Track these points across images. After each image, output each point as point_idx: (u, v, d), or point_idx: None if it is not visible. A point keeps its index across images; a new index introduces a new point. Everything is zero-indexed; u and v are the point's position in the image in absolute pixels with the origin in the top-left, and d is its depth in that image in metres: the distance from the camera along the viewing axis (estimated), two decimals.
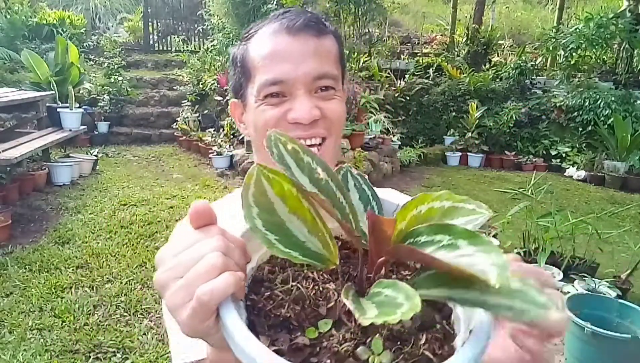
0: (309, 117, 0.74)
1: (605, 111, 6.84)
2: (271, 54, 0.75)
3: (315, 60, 0.75)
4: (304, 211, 0.38)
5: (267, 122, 0.75)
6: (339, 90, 0.80)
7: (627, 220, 4.85)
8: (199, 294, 0.37)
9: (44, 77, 6.48)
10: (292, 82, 0.74)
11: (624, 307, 2.50)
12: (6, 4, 9.13)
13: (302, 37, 0.75)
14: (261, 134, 0.76)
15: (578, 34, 7.02)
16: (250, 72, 0.78)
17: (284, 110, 0.75)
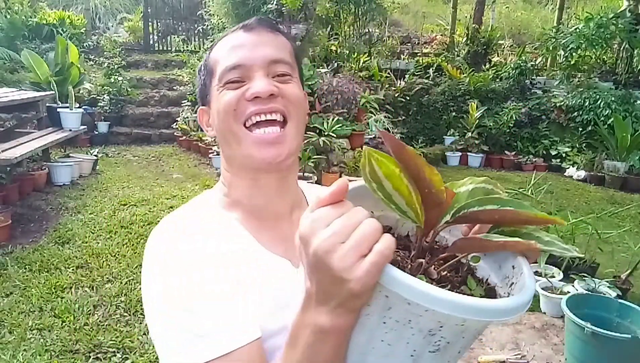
0: (267, 90, 0.76)
1: (605, 111, 6.84)
2: (230, 46, 0.81)
3: (271, 47, 0.81)
4: (403, 188, 0.48)
5: (229, 103, 0.78)
6: (295, 79, 0.83)
7: (627, 220, 4.85)
8: (381, 249, 0.44)
9: (44, 77, 6.48)
10: (249, 66, 0.78)
11: (624, 307, 2.50)
12: (6, 4, 9.13)
13: (256, 30, 0.81)
14: (224, 118, 0.79)
15: (578, 34, 7.02)
16: (212, 68, 0.83)
17: (244, 90, 0.78)
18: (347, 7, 7.60)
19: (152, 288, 0.68)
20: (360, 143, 5.95)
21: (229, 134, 0.79)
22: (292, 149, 0.81)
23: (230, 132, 0.79)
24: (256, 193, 0.82)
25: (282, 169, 0.81)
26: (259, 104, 0.76)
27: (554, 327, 2.89)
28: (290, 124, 0.80)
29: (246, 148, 0.77)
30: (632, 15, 7.12)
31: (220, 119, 0.80)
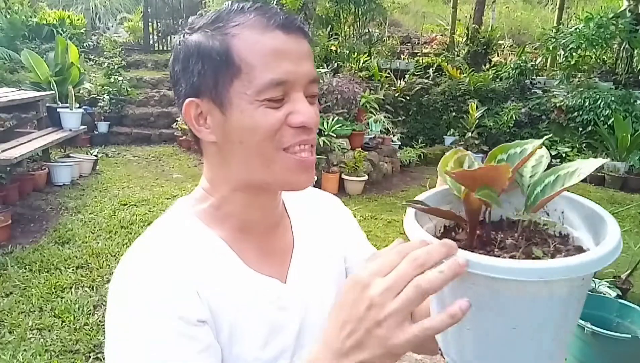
0: (316, 122, 0.72)
1: (605, 111, 6.85)
2: (272, 51, 0.69)
3: (309, 62, 0.73)
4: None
5: (272, 128, 0.69)
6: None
7: (627, 220, 4.85)
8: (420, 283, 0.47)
9: (44, 77, 6.48)
10: (293, 83, 0.69)
11: (624, 307, 2.50)
12: (6, 4, 9.13)
13: (295, 36, 0.71)
14: (259, 141, 0.70)
15: (578, 34, 7.02)
16: (239, 68, 0.69)
17: (286, 113, 0.69)
18: (347, 7, 7.60)
19: (113, 331, 0.64)
20: (360, 143, 5.95)
21: (257, 155, 0.71)
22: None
23: (261, 154, 0.70)
24: (254, 208, 0.77)
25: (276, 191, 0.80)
26: (303, 135, 0.70)
27: None
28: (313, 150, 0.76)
29: (282, 170, 0.71)
30: (632, 15, 7.13)
31: (252, 138, 0.70)
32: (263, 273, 0.74)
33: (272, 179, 0.72)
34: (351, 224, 0.96)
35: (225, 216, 0.77)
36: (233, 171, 0.74)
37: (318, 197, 0.96)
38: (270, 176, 0.72)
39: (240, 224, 0.77)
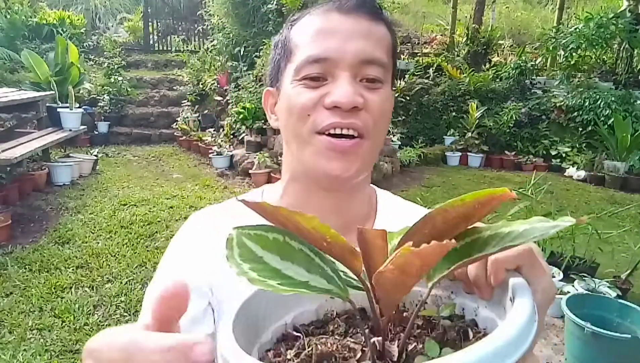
0: (350, 101, 0.64)
1: (605, 111, 6.84)
2: (317, 30, 0.67)
3: (367, 41, 0.67)
4: (297, 254, 0.37)
5: (304, 107, 0.66)
6: (387, 85, 0.70)
7: (627, 220, 4.85)
8: None
9: (44, 77, 6.48)
10: (336, 61, 0.65)
11: (624, 307, 2.50)
12: (6, 4, 9.13)
13: (354, 16, 0.67)
14: (294, 121, 0.68)
15: (578, 34, 7.02)
16: (291, 51, 0.69)
17: (322, 93, 0.66)
18: None
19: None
20: None
21: (294, 137, 0.69)
22: (365, 165, 0.70)
23: (297, 136, 0.68)
24: (311, 205, 0.71)
25: (344, 188, 0.70)
26: (337, 117, 0.65)
27: (554, 327, 2.89)
28: (365, 144, 0.67)
29: (312, 154, 0.67)
30: (632, 15, 7.12)
31: (289, 119, 0.69)
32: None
33: (305, 164, 0.69)
34: None
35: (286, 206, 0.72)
36: (286, 158, 0.75)
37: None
38: (303, 161, 0.69)
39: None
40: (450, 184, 6.16)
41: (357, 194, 0.74)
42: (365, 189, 0.77)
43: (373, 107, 0.67)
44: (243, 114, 6.26)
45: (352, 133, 0.66)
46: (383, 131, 0.71)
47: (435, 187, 5.97)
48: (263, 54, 6.96)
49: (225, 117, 7.25)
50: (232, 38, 7.77)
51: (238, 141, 6.59)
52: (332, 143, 0.65)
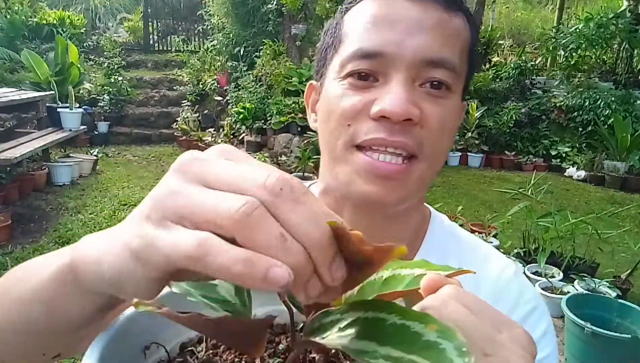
0: (402, 112, 0.51)
1: (605, 111, 6.84)
2: (374, 17, 0.54)
3: (436, 37, 0.53)
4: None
5: (344, 113, 0.54)
6: (454, 95, 0.56)
7: (627, 220, 4.85)
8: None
9: (44, 77, 6.48)
10: (391, 59, 0.52)
11: (624, 307, 2.50)
12: (6, 4, 9.13)
13: (424, 4, 0.53)
14: (332, 128, 0.56)
15: (578, 34, 7.02)
16: (340, 40, 0.57)
17: (370, 98, 0.53)
18: None
19: None
20: None
21: (328, 149, 0.58)
22: (411, 193, 0.57)
23: (332, 148, 0.57)
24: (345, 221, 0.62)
25: (384, 213, 0.59)
26: (384, 131, 0.52)
27: (554, 327, 2.89)
28: (417, 166, 0.54)
29: (349, 172, 0.55)
30: (632, 15, 7.13)
31: (326, 125, 0.57)
32: None
33: (338, 180, 0.56)
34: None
35: None
36: (322, 166, 0.62)
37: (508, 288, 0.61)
38: (336, 176, 0.57)
39: None
40: (450, 184, 6.16)
41: (401, 218, 0.61)
42: (413, 213, 0.63)
43: (432, 121, 0.53)
44: (243, 114, 6.26)
45: (399, 152, 0.53)
46: (444, 151, 0.58)
47: (435, 187, 5.97)
48: (263, 54, 6.97)
49: (225, 117, 7.26)
50: (232, 38, 7.77)
51: (238, 141, 6.59)
52: (373, 166, 0.52)
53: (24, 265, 0.40)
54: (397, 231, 0.62)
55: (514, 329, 0.31)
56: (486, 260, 0.63)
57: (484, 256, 0.64)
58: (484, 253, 0.64)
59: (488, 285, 0.60)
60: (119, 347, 0.33)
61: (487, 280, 0.60)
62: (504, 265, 0.63)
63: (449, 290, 0.32)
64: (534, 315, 0.60)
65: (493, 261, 0.64)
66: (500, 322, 0.32)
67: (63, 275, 0.33)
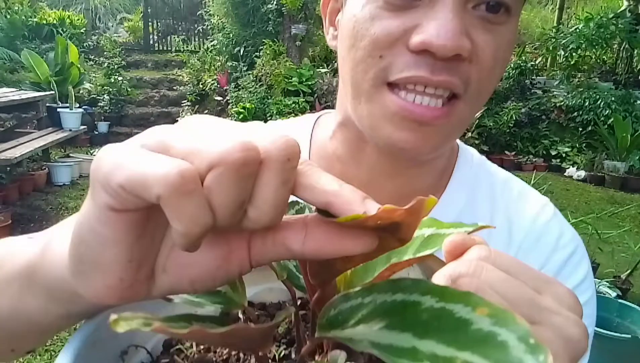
0: (451, 47, 0.41)
1: (605, 111, 6.84)
2: None
3: None
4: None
5: (377, 42, 0.43)
6: (514, 19, 0.46)
7: (627, 220, 4.85)
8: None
9: (44, 77, 6.48)
10: None
11: (624, 307, 2.50)
12: (6, 4, 9.13)
13: None
14: (360, 58, 0.45)
15: (578, 34, 7.02)
16: None
17: (410, 24, 0.42)
18: None
19: None
20: None
21: (352, 83, 0.48)
22: (448, 140, 0.50)
23: (357, 83, 0.47)
24: (356, 163, 0.53)
25: (411, 160, 0.51)
26: (425, 68, 0.42)
27: None
28: (462, 106, 0.46)
29: (375, 114, 0.46)
30: (632, 15, 7.13)
31: (351, 52, 0.46)
32: None
33: (362, 122, 0.48)
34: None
35: (333, 152, 0.56)
36: (340, 95, 0.54)
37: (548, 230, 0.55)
38: (360, 117, 0.48)
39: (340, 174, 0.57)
40: None
41: (428, 161, 0.53)
42: (442, 153, 0.55)
43: (484, 56, 0.44)
44: (243, 114, 6.26)
45: (440, 93, 0.44)
46: (491, 89, 0.50)
47: None
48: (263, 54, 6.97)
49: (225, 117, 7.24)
50: (232, 38, 7.77)
51: None
52: (408, 111, 0.43)
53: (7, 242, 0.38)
54: (422, 173, 0.54)
55: (557, 289, 0.27)
56: (521, 197, 0.57)
57: (519, 193, 0.58)
58: (518, 190, 0.59)
59: (524, 226, 0.54)
60: (91, 356, 0.29)
61: (523, 220, 0.55)
62: (543, 203, 0.57)
63: (478, 251, 0.27)
64: (574, 258, 0.54)
65: (529, 199, 0.57)
66: (540, 282, 0.27)
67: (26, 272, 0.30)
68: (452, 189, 0.56)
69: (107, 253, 0.22)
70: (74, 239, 0.24)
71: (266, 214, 0.22)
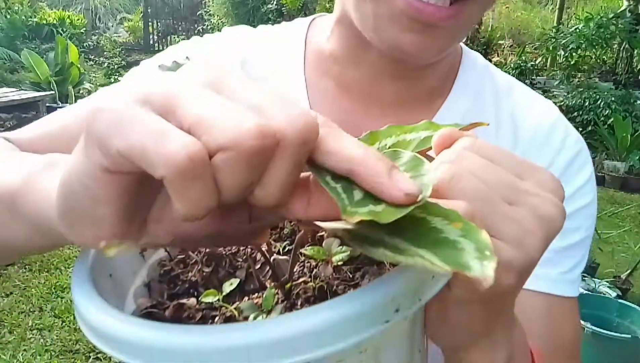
0: None
1: (605, 111, 6.85)
2: None
3: None
4: None
5: None
6: None
7: (627, 220, 4.85)
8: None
9: (44, 77, 6.48)
10: None
11: (624, 307, 2.50)
12: (6, 4, 9.13)
13: None
14: None
15: (578, 34, 7.02)
16: None
17: None
18: None
19: None
20: None
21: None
22: (455, 40, 0.48)
23: None
24: (356, 64, 0.51)
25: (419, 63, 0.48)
26: None
27: None
28: (471, 3, 0.43)
29: (381, 15, 0.43)
30: (632, 15, 7.13)
31: None
32: None
33: (363, 23, 0.45)
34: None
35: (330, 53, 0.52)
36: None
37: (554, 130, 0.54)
38: (361, 17, 0.45)
39: (338, 76, 0.52)
40: None
41: (432, 65, 0.51)
42: (447, 56, 0.51)
43: None
44: None
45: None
46: None
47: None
48: None
49: None
50: None
51: None
52: (415, 10, 0.41)
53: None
54: (426, 76, 0.52)
55: (540, 174, 0.28)
56: (526, 100, 0.56)
57: (524, 96, 0.57)
58: (523, 93, 0.57)
59: (530, 128, 0.54)
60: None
61: (528, 122, 0.54)
62: (548, 105, 0.56)
63: (464, 142, 0.28)
64: (578, 159, 0.56)
65: (534, 101, 0.56)
66: (524, 168, 0.28)
67: (7, 200, 0.29)
68: (456, 92, 0.54)
69: (99, 211, 0.21)
70: (64, 188, 0.22)
71: (273, 195, 0.21)
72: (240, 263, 0.33)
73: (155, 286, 0.33)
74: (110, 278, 0.30)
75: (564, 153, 0.54)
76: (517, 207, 0.26)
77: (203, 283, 0.32)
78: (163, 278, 0.33)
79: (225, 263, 0.33)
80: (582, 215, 0.52)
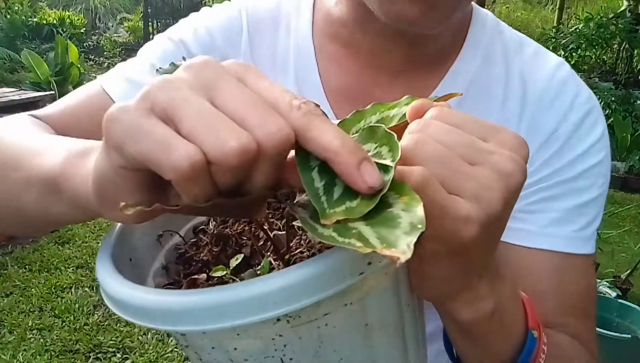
0: None
1: (605, 111, 6.84)
2: None
3: None
4: None
5: None
6: None
7: (627, 220, 4.85)
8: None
9: (44, 77, 6.48)
10: None
11: (624, 307, 2.50)
12: (6, 4, 9.13)
13: None
14: None
15: (578, 34, 7.02)
16: None
17: None
18: None
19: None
20: None
21: None
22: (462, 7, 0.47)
23: None
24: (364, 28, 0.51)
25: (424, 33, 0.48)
26: None
27: None
28: None
29: None
30: (632, 15, 7.13)
31: None
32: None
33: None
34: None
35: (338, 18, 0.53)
36: None
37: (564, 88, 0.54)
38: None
39: (346, 40, 0.52)
40: None
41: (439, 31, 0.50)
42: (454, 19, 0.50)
43: None
44: None
45: None
46: None
47: None
48: None
49: None
50: None
51: None
52: None
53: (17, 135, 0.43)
54: (434, 37, 0.51)
55: (502, 135, 0.30)
56: (536, 57, 0.55)
57: (534, 53, 0.56)
58: (533, 50, 0.56)
59: (540, 86, 0.53)
60: (131, 239, 0.35)
61: (538, 80, 0.53)
62: (559, 61, 0.55)
63: (432, 111, 0.30)
64: (589, 118, 0.53)
65: (545, 58, 0.55)
66: (487, 131, 0.30)
67: (48, 183, 0.34)
68: (466, 53, 0.54)
69: (127, 199, 0.26)
70: (96, 181, 0.28)
71: (258, 188, 0.25)
72: (245, 241, 0.37)
73: (172, 267, 0.37)
74: (130, 262, 0.35)
75: (574, 113, 0.53)
76: (477, 166, 0.28)
77: (214, 262, 0.36)
78: (179, 260, 0.38)
79: (232, 242, 0.37)
80: (594, 173, 0.52)
